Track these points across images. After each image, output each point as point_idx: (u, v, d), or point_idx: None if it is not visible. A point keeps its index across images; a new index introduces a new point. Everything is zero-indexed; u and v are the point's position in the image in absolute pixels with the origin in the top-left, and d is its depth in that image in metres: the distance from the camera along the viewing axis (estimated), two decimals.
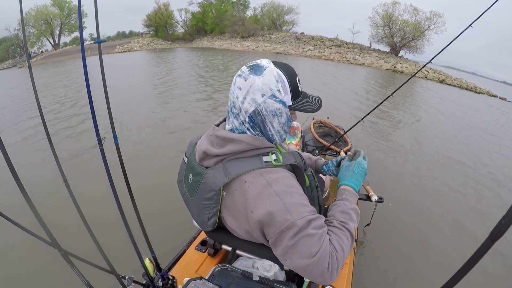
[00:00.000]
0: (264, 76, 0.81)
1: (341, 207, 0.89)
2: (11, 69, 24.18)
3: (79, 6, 0.92)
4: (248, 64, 0.85)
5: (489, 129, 7.56)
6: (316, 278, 0.75)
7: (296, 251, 0.73)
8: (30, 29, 35.00)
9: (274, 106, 0.83)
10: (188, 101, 7.10)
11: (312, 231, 0.73)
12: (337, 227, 0.82)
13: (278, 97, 0.82)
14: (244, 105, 0.82)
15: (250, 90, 0.80)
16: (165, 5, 41.56)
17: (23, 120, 5.83)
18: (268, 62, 0.84)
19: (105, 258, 1.01)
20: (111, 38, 55.24)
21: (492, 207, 3.36)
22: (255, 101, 0.81)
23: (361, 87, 10.94)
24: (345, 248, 0.78)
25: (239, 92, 0.81)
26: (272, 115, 0.84)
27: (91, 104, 0.99)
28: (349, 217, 0.86)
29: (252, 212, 0.77)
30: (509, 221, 0.43)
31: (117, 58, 21.06)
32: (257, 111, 0.82)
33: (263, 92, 0.81)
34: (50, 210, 2.61)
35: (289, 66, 0.87)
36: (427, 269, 2.26)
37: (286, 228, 0.73)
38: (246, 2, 41.80)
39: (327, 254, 0.72)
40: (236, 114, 0.84)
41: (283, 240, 0.74)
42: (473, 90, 18.28)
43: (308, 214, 0.75)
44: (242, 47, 30.53)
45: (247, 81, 0.80)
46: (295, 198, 0.77)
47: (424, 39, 27.33)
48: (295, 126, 2.38)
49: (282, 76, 0.83)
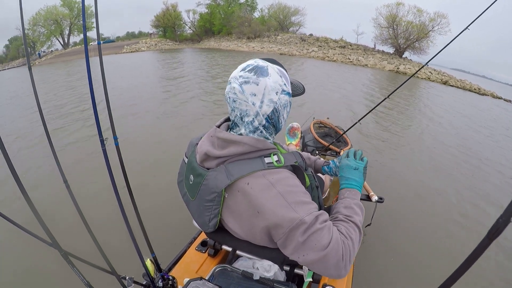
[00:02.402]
0: (271, 75, 0.83)
1: (344, 203, 0.92)
2: (21, 67, 24.52)
3: (83, 8, 0.92)
4: (244, 69, 0.83)
5: (489, 127, 7.57)
6: (331, 271, 0.75)
7: (309, 247, 0.73)
8: (40, 29, 35.94)
9: (284, 99, 0.87)
10: (183, 102, 7.14)
11: (321, 225, 0.74)
12: (342, 220, 0.85)
13: (285, 90, 0.87)
14: (262, 109, 0.83)
15: (265, 93, 0.81)
16: (173, 6, 41.90)
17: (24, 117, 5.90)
18: (262, 61, 0.86)
19: (105, 259, 1.01)
20: (120, 38, 55.28)
21: (493, 207, 3.35)
22: (272, 100, 0.83)
23: (362, 89, 10.89)
24: (354, 238, 0.79)
25: (254, 98, 0.81)
26: (283, 108, 0.88)
27: (94, 105, 0.99)
28: (353, 211, 0.89)
29: (258, 213, 0.77)
30: (506, 220, 0.43)
31: (121, 58, 21.42)
32: (274, 109, 0.85)
33: (276, 90, 0.83)
34: (50, 210, 2.62)
35: (273, 60, 0.91)
36: (428, 269, 2.26)
37: (295, 227, 0.73)
38: (253, 3, 42.03)
39: (339, 242, 0.74)
40: (249, 122, 0.85)
41: (293, 238, 0.74)
42: (477, 92, 18.12)
43: (314, 210, 0.76)
44: (247, 48, 30.64)
45: (260, 84, 0.80)
46: (299, 197, 0.77)
47: (428, 40, 27.25)
48: (295, 127, 2.38)
49: (281, 70, 0.88)
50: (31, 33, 35.72)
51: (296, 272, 1.11)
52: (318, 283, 1.09)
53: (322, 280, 1.13)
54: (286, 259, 0.94)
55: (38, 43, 36.26)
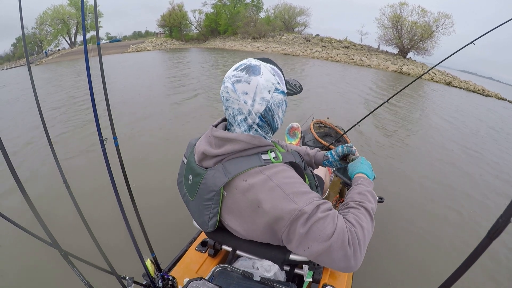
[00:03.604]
0: (263, 74, 0.83)
1: (358, 189, 0.91)
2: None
3: (82, 10, 0.93)
4: (236, 68, 0.84)
5: (492, 128, 7.52)
6: (340, 263, 0.72)
7: (312, 238, 0.71)
8: (47, 27, 36.77)
9: (278, 98, 0.87)
10: (184, 101, 7.16)
11: (323, 214, 0.72)
12: (353, 207, 0.83)
13: (279, 89, 0.87)
14: (254, 107, 0.83)
15: (257, 91, 0.82)
16: (179, 6, 42.46)
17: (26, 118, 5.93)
18: (256, 60, 0.86)
19: (105, 259, 1.01)
20: (127, 37, 55.58)
21: (494, 206, 3.33)
22: (264, 99, 0.83)
23: (362, 90, 10.87)
24: (364, 226, 0.77)
25: (246, 97, 0.81)
26: (278, 106, 0.88)
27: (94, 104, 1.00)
28: (366, 198, 0.88)
29: (258, 208, 0.76)
30: (506, 220, 0.43)
31: (126, 57, 21.58)
32: (267, 108, 0.85)
33: (269, 88, 0.83)
34: (50, 210, 2.63)
35: (268, 59, 0.91)
36: (428, 269, 2.25)
37: (296, 217, 0.72)
38: (259, 4, 42.20)
39: (344, 231, 0.71)
40: (243, 120, 0.85)
41: (295, 230, 0.73)
42: (481, 93, 17.98)
43: (314, 199, 0.75)
44: (252, 48, 30.82)
45: (251, 83, 0.81)
46: (297, 187, 0.76)
47: (432, 41, 27.11)
48: (295, 127, 2.38)
49: (275, 69, 0.88)
50: (39, 32, 36.55)
51: (296, 272, 1.11)
52: (318, 283, 1.09)
53: (322, 280, 1.12)
54: (286, 259, 0.94)
55: (45, 42, 37.02)
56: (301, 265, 1.07)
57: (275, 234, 0.79)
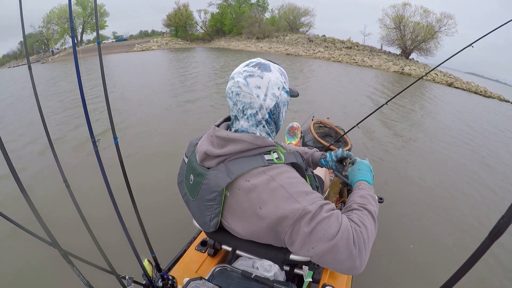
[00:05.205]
0: (273, 72, 0.87)
1: (360, 193, 0.92)
2: (34, 64, 24.94)
3: (70, 10, 0.93)
4: (247, 65, 0.87)
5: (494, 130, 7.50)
6: (345, 264, 0.71)
7: (317, 237, 0.70)
8: (54, 26, 36.92)
9: (284, 97, 0.90)
10: (185, 101, 7.16)
11: (327, 213, 0.72)
12: (356, 208, 0.84)
13: (285, 88, 0.91)
14: (266, 102, 0.85)
15: (269, 86, 0.85)
16: (185, 5, 42.68)
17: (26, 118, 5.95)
18: (264, 60, 0.89)
19: (105, 258, 1.01)
20: (134, 36, 55.35)
21: (495, 206, 3.33)
22: (275, 95, 0.86)
23: (363, 92, 10.86)
24: (368, 226, 0.77)
25: (258, 91, 0.83)
26: (284, 105, 0.91)
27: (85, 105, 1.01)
28: (368, 201, 0.88)
29: (260, 209, 0.76)
30: (508, 221, 0.43)
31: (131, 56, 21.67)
32: (276, 104, 0.88)
33: (278, 85, 0.87)
34: (50, 209, 2.64)
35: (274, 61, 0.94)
36: (428, 269, 2.24)
37: (300, 217, 0.71)
38: (264, 4, 42.23)
39: (349, 230, 0.71)
40: (252, 115, 0.86)
41: (299, 230, 0.72)
42: (483, 94, 17.88)
43: (318, 199, 0.74)
44: (255, 48, 30.91)
45: (264, 78, 0.84)
46: (300, 188, 0.76)
47: (435, 41, 27.03)
48: (295, 126, 2.37)
49: (281, 69, 0.92)
50: (45, 30, 36.78)
51: (296, 272, 1.10)
52: (318, 283, 1.08)
53: (322, 280, 1.12)
54: (287, 259, 0.93)
55: (52, 41, 37.29)
56: (301, 265, 1.07)
57: (277, 235, 0.78)
